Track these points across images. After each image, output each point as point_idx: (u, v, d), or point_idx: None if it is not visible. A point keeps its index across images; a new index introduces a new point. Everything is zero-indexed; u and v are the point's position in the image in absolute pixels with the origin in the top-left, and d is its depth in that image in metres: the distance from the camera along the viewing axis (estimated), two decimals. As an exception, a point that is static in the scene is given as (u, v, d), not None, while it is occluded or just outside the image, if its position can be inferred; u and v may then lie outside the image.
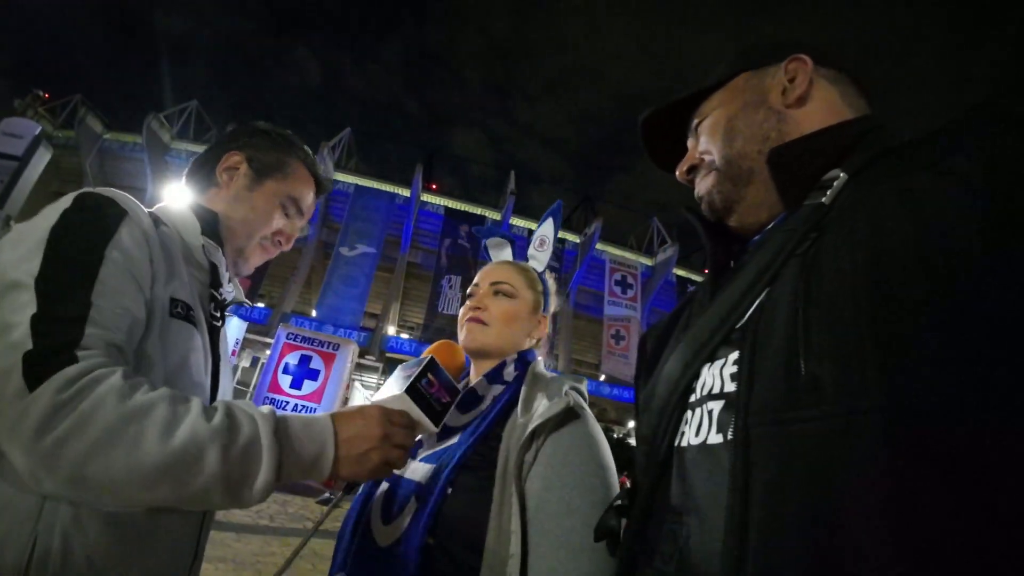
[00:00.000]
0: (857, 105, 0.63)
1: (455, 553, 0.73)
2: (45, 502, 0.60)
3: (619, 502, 0.61)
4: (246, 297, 1.03)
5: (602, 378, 28.99)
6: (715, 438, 0.48)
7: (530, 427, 0.76)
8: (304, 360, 13.99)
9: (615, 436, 29.97)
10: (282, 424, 0.67)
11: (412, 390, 0.78)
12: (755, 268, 0.51)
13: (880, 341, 0.37)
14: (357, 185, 32.64)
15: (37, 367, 0.55)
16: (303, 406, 13.39)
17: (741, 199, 0.63)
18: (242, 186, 0.92)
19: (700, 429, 0.50)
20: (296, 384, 13.73)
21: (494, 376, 0.95)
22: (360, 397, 21.92)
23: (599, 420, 1.20)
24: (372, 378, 22.35)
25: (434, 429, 0.80)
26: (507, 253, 1.13)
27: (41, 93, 33.20)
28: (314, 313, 28.90)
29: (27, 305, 0.58)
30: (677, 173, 0.71)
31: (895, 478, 0.34)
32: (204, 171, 0.94)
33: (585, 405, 0.86)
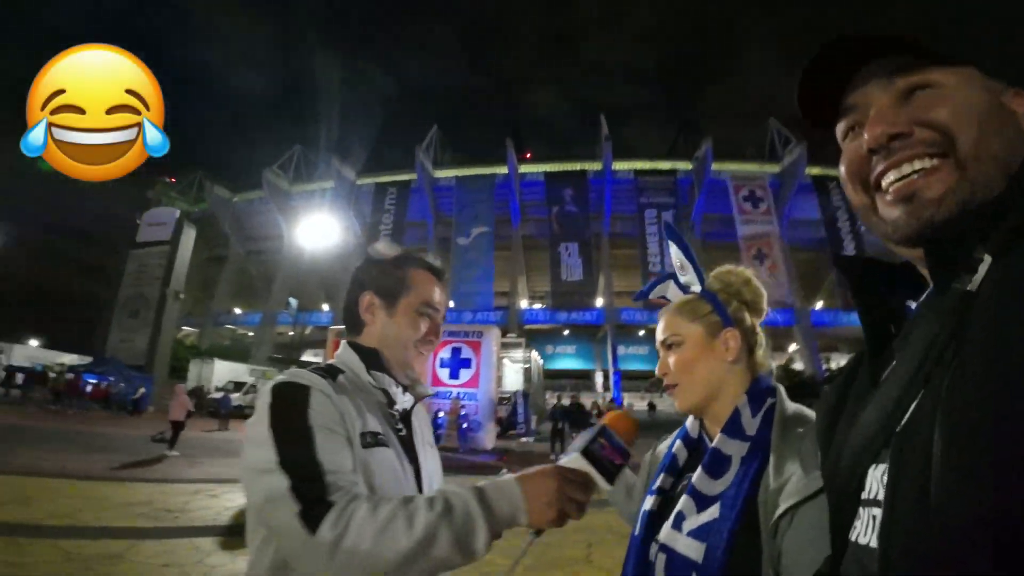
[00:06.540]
0: None
1: None
2: None
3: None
4: None
5: (750, 303, 26.84)
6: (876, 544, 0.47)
7: (780, 508, 0.75)
8: (455, 351, 14.98)
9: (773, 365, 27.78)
10: (481, 494, 0.85)
11: (586, 452, 0.89)
12: (910, 365, 0.48)
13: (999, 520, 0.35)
14: (457, 176, 33.71)
15: (311, 518, 0.79)
16: (464, 393, 14.43)
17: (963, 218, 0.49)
18: (383, 317, 1.10)
19: (867, 530, 0.50)
20: (454, 375, 14.80)
21: (733, 430, 0.90)
22: (511, 372, 22.98)
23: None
24: (518, 353, 23.21)
25: (607, 486, 0.90)
26: (673, 292, 1.06)
27: (167, 179, 38.24)
28: (451, 304, 30.67)
29: (282, 482, 0.82)
30: (873, 135, 0.54)
31: None
32: (351, 317, 1.13)
33: None
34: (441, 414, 13.89)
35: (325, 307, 34.45)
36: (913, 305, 0.56)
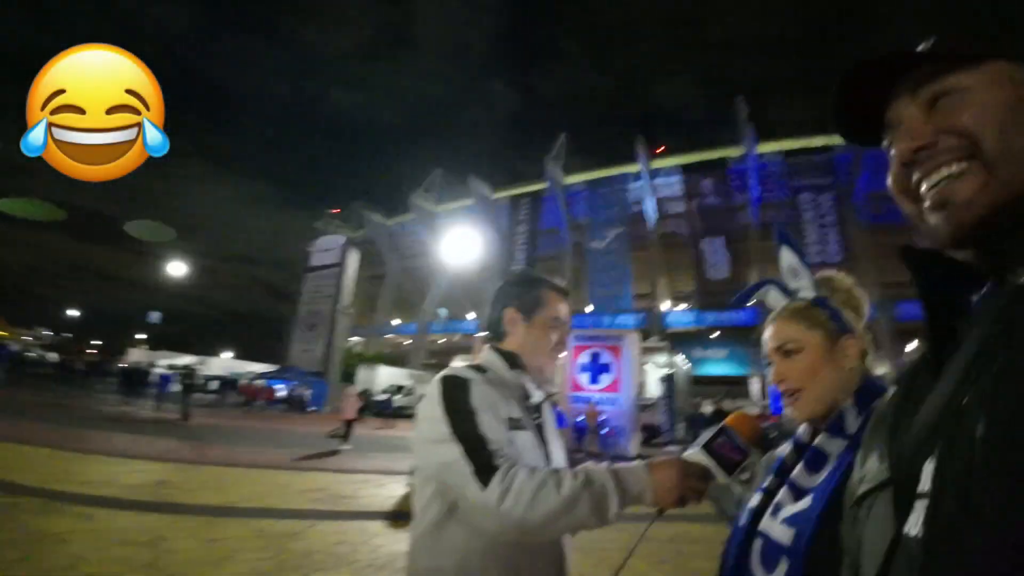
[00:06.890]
0: None
1: None
2: (482, 540, 1.06)
3: None
4: None
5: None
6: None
7: (855, 495, 0.74)
8: (595, 357, 14.91)
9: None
10: (616, 473, 1.02)
11: (707, 447, 1.02)
12: (965, 360, 0.49)
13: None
14: (587, 180, 33.40)
15: (483, 476, 1.00)
16: (605, 398, 14.24)
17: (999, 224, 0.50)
18: (523, 329, 1.34)
19: (918, 522, 0.49)
20: (594, 380, 14.76)
21: (835, 429, 0.92)
22: (654, 376, 22.14)
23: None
24: (661, 358, 22.31)
25: (725, 478, 1.02)
26: (774, 298, 1.10)
27: (331, 210, 43.13)
28: (587, 310, 30.38)
29: (456, 448, 1.04)
30: (899, 151, 0.56)
31: None
32: (495, 327, 1.37)
33: None
34: (580, 418, 13.87)
35: (471, 315, 36.39)
36: (976, 300, 0.55)
